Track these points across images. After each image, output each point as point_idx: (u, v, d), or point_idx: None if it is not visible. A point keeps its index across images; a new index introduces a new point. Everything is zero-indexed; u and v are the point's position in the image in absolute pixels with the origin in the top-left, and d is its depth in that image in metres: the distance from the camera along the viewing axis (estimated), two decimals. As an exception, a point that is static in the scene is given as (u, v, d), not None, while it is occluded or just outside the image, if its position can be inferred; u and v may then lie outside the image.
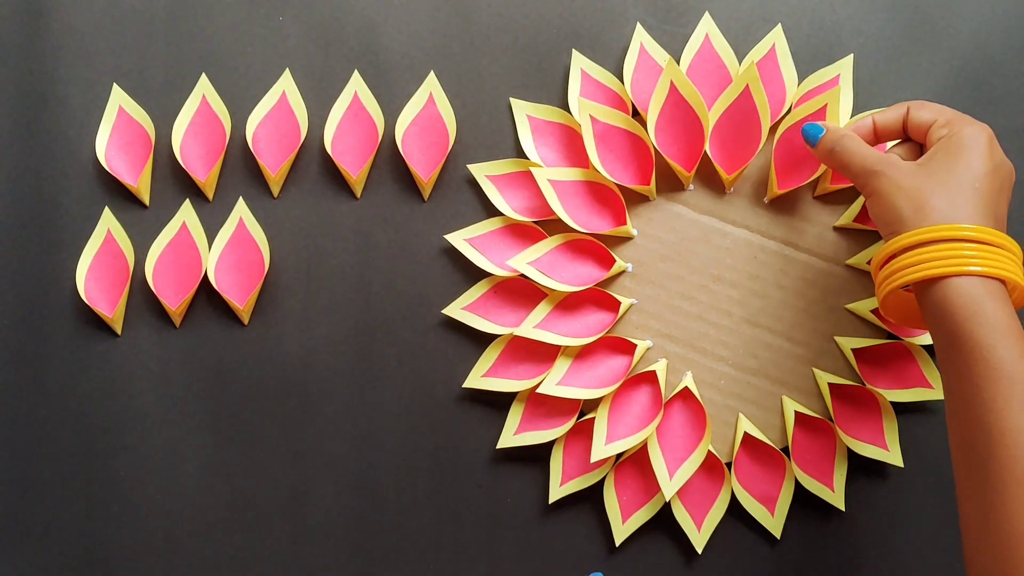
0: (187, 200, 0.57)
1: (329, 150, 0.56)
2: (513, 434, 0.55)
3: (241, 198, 0.57)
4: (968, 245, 0.42)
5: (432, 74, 0.57)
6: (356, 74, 0.57)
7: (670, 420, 0.55)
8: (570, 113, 0.56)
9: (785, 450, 0.55)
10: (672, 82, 0.53)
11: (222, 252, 0.56)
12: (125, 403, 0.57)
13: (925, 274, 0.43)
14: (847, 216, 0.55)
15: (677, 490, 0.53)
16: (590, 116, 0.54)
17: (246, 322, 0.57)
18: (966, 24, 0.57)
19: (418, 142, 0.57)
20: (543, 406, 0.55)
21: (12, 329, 0.57)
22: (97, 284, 0.56)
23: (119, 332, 0.57)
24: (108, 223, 0.57)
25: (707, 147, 0.54)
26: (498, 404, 0.56)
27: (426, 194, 0.57)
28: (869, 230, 0.56)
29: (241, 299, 0.56)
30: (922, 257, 0.43)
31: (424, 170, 0.57)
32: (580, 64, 0.56)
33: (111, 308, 0.56)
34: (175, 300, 0.56)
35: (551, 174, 0.55)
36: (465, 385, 0.56)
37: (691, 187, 0.56)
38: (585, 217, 0.55)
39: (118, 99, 0.57)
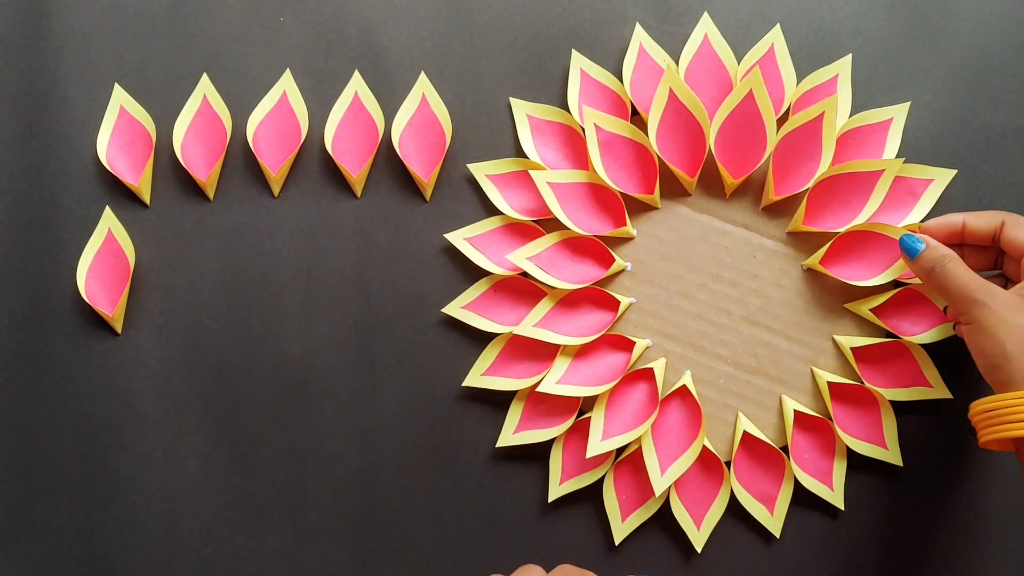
0: (187, 200, 0.57)
1: (329, 150, 0.56)
2: (513, 433, 0.55)
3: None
4: None
5: (423, 75, 0.57)
6: (356, 74, 0.57)
7: (666, 417, 0.55)
8: (570, 113, 0.56)
9: (784, 449, 0.55)
10: (671, 89, 0.53)
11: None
12: (125, 403, 0.57)
13: None
14: (846, 215, 0.55)
15: (668, 486, 0.53)
16: (595, 125, 0.54)
17: (119, 331, 0.57)
18: (966, 24, 0.57)
19: (415, 143, 0.57)
20: (543, 405, 0.55)
21: (12, 329, 0.57)
22: (98, 283, 0.56)
23: (119, 331, 0.57)
24: (109, 222, 0.57)
25: (712, 150, 0.54)
26: (498, 403, 0.56)
27: (427, 194, 0.57)
28: (868, 229, 0.56)
29: (110, 308, 0.56)
30: None
31: (423, 171, 0.57)
32: (580, 64, 0.57)
33: (112, 307, 0.56)
34: (175, 299, 0.56)
35: (550, 177, 0.55)
36: (465, 384, 0.56)
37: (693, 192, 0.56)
38: (585, 219, 0.55)
39: (119, 98, 0.57)
